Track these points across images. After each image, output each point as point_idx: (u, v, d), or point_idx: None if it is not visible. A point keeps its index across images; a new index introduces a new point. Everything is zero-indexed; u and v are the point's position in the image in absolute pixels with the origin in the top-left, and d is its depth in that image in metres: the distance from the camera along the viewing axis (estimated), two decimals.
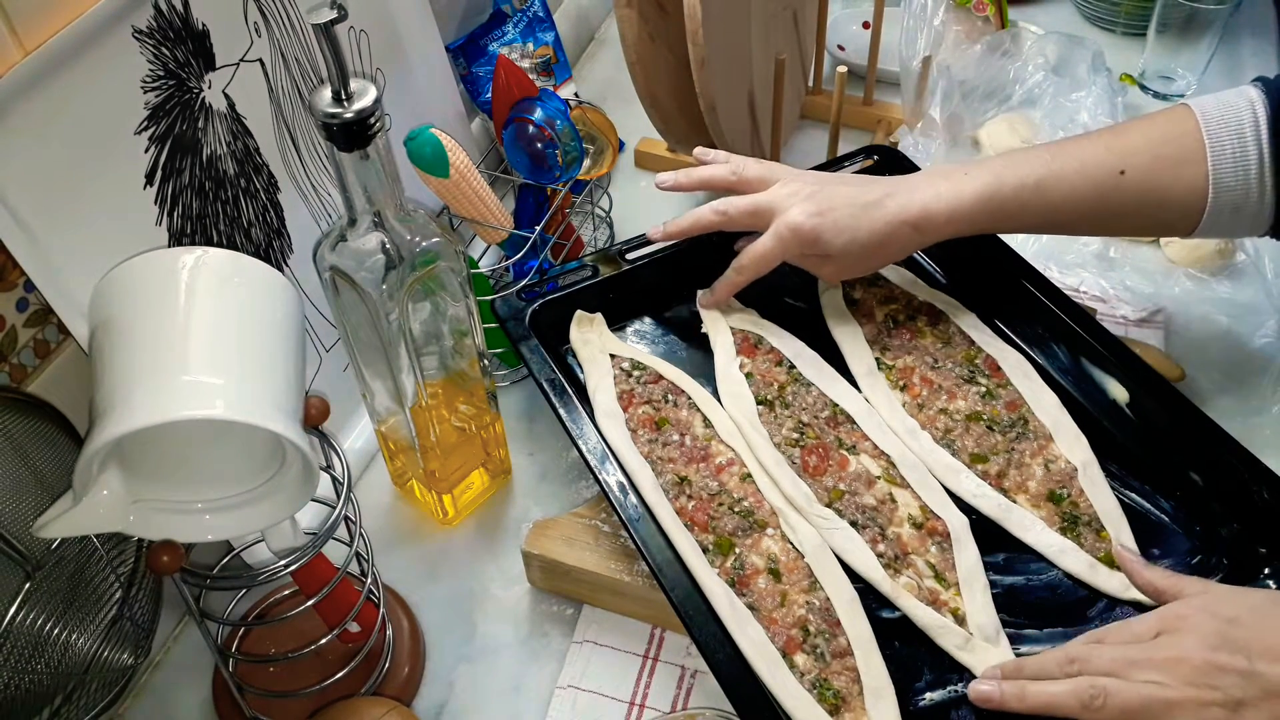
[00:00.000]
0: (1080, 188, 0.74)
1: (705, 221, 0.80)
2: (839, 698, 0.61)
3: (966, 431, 0.75)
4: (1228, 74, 1.22)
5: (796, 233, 0.76)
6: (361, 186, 0.61)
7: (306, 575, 0.64)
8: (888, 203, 0.76)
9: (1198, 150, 0.72)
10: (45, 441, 0.61)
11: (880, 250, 0.77)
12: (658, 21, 0.92)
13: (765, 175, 0.80)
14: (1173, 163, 0.72)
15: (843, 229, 0.76)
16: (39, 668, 0.59)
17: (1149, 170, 0.73)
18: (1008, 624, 0.66)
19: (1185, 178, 0.72)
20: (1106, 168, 0.73)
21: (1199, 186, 0.72)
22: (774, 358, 0.80)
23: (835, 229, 0.75)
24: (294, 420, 0.53)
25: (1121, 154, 0.73)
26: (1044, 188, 0.74)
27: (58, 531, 0.52)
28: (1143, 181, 0.73)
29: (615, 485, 0.68)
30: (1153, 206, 0.74)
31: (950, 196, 0.75)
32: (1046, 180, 0.74)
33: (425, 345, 0.72)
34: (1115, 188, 0.73)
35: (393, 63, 0.89)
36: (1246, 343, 0.89)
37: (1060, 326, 0.80)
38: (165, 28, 0.64)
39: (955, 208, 0.74)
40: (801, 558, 0.67)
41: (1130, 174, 0.73)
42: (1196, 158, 0.72)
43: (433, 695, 0.73)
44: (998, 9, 1.13)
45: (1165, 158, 0.72)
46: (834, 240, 0.76)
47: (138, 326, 0.52)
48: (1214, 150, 0.71)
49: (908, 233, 0.76)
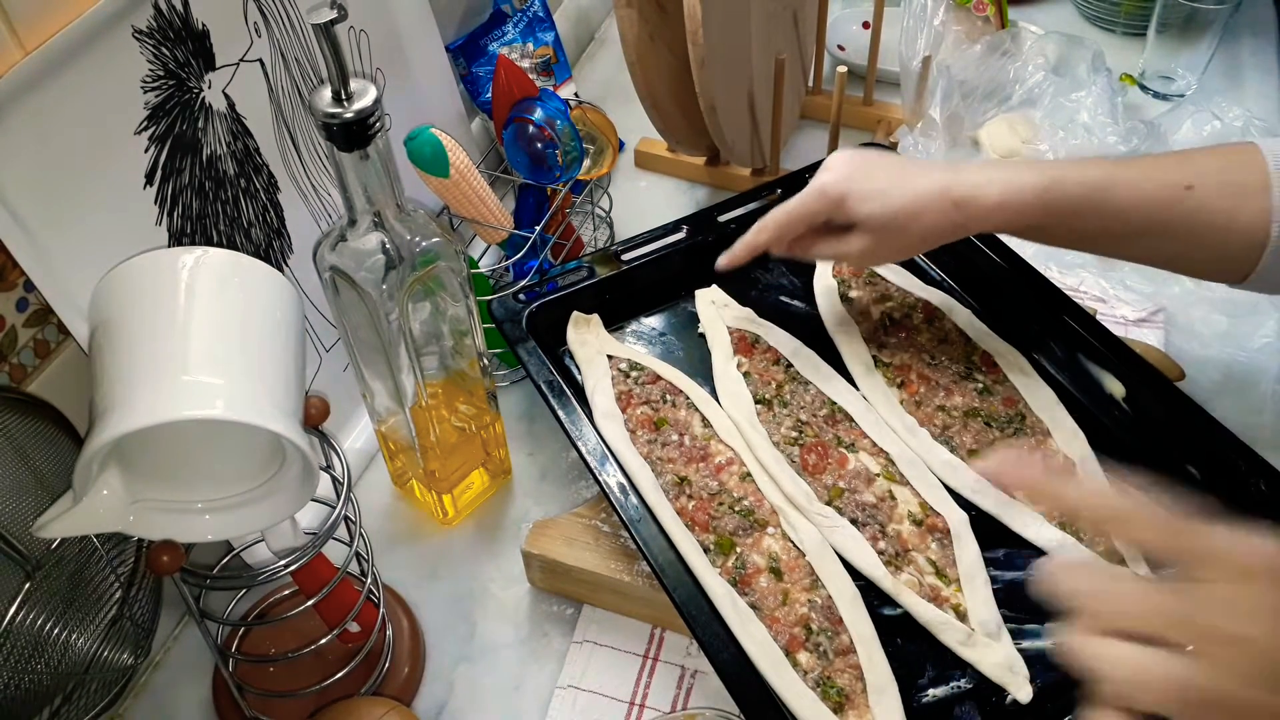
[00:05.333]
0: (1145, 196, 0.68)
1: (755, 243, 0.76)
2: (843, 695, 0.61)
3: (964, 428, 0.75)
4: (1228, 74, 1.22)
5: (823, 191, 0.72)
6: (361, 186, 0.61)
7: (306, 575, 0.64)
8: (930, 174, 0.71)
9: (1263, 182, 0.66)
10: (45, 441, 0.61)
11: (913, 222, 0.70)
12: (658, 21, 0.92)
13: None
14: (1239, 190, 0.67)
15: (872, 194, 0.71)
16: (39, 668, 0.59)
17: (1216, 191, 0.67)
18: (1009, 619, 0.66)
19: (1250, 208, 0.66)
20: (1173, 181, 0.68)
21: (1262, 221, 0.66)
22: (771, 357, 0.80)
23: (864, 193, 0.71)
24: (294, 420, 0.53)
25: (1189, 171, 0.68)
26: (1107, 190, 0.68)
27: (58, 531, 0.52)
28: (1209, 201, 0.67)
29: (615, 486, 0.68)
30: (1217, 232, 0.68)
31: (1004, 182, 0.69)
32: (1109, 182, 0.68)
33: (425, 345, 0.72)
34: (1180, 202, 0.67)
35: (393, 63, 0.89)
36: (1246, 342, 0.89)
37: (1057, 324, 0.80)
38: (165, 28, 0.64)
39: (1008, 194, 0.68)
40: (802, 556, 0.67)
41: (1197, 191, 0.67)
42: (1261, 190, 0.66)
43: (433, 695, 0.73)
44: (998, 9, 1.13)
45: (1232, 184, 0.67)
46: (860, 205, 0.71)
47: (138, 326, 0.52)
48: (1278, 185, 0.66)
49: (946, 208, 0.70)
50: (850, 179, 0.71)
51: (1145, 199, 0.68)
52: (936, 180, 0.70)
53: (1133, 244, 0.72)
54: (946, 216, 0.70)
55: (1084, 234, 0.71)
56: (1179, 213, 0.68)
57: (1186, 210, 0.67)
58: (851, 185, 0.71)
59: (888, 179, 0.71)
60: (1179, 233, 0.68)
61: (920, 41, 1.09)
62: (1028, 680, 0.63)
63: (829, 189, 0.72)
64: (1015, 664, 0.63)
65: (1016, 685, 0.63)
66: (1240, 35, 1.27)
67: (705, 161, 1.10)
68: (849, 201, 0.71)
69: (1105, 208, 0.68)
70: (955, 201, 0.69)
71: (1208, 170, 0.68)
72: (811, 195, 0.73)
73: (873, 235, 0.72)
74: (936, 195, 0.70)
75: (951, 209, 0.70)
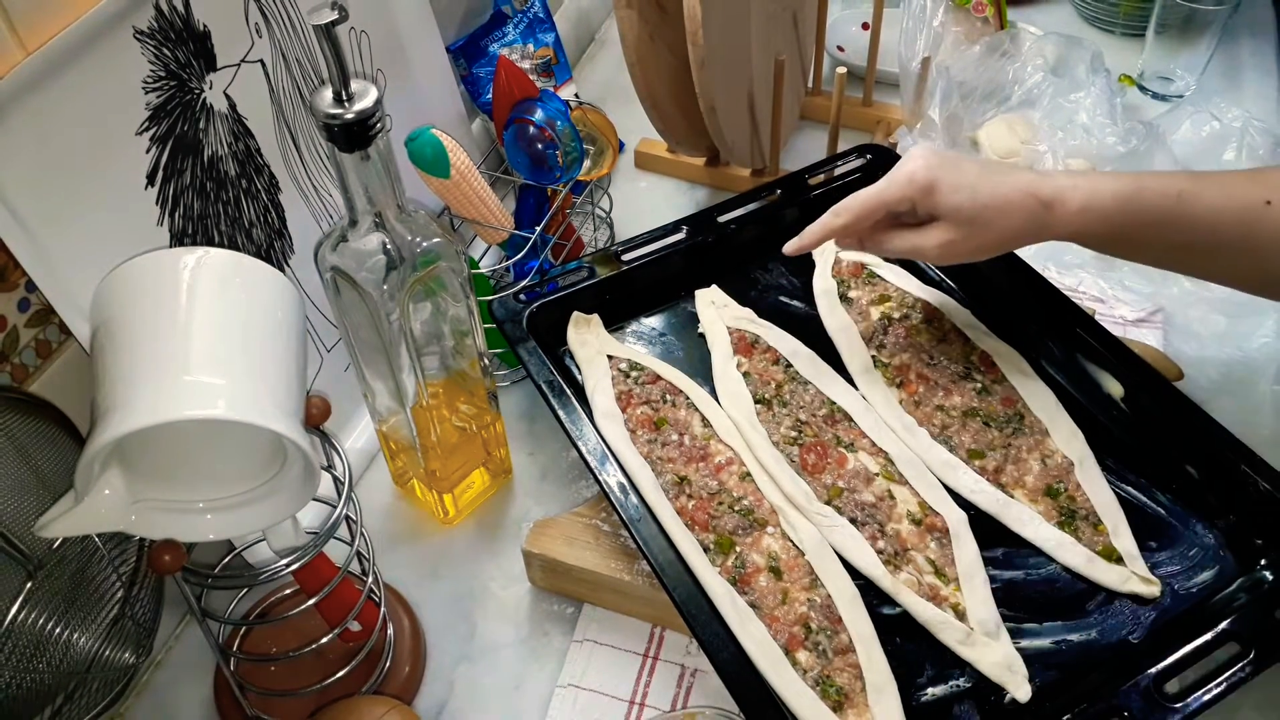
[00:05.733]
0: (1224, 208, 0.67)
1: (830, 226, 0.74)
2: (842, 694, 0.61)
3: (963, 427, 0.75)
4: (1226, 75, 1.22)
5: (911, 178, 0.70)
6: (362, 187, 0.61)
7: (308, 574, 0.65)
8: (1018, 173, 0.70)
9: None
10: (47, 441, 0.61)
11: (1000, 217, 0.69)
12: (658, 22, 0.92)
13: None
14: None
15: (961, 185, 0.69)
16: (41, 667, 0.60)
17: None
18: (1008, 618, 0.66)
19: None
20: (1252, 195, 0.67)
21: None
22: (771, 357, 0.80)
23: (953, 183, 0.69)
24: (295, 420, 0.53)
25: (1267, 186, 0.67)
26: (1187, 200, 0.67)
27: (59, 531, 0.52)
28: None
29: (615, 485, 0.69)
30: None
31: (1088, 187, 0.68)
32: (1191, 193, 0.67)
33: (426, 345, 0.72)
34: (1261, 217, 0.66)
35: (393, 63, 0.89)
36: (1245, 343, 0.90)
37: (1056, 324, 0.80)
38: (166, 28, 0.64)
39: (1092, 198, 0.68)
40: (802, 555, 0.68)
41: (1276, 206, 0.66)
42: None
43: (433, 694, 0.73)
44: (997, 10, 1.13)
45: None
46: (949, 196, 0.69)
47: (139, 327, 0.52)
48: None
49: (1034, 206, 0.68)
50: (939, 168, 0.70)
51: (1226, 213, 0.67)
52: (1024, 179, 0.69)
53: (1213, 258, 0.71)
54: (1034, 216, 0.69)
55: (1167, 245, 0.70)
56: (1262, 229, 0.67)
57: (1269, 227, 0.66)
58: (941, 175, 0.69)
59: (975, 173, 0.70)
60: (1261, 248, 0.67)
61: (919, 42, 1.09)
62: (1026, 679, 0.63)
63: (918, 175, 0.70)
64: (1014, 663, 0.64)
65: (1015, 684, 0.63)
66: (1239, 36, 1.27)
67: (705, 162, 1.10)
68: (938, 191, 0.70)
69: (1186, 219, 0.67)
70: (1044, 201, 0.68)
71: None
72: (899, 181, 0.71)
73: (956, 229, 0.70)
74: (1025, 193, 0.69)
75: (1040, 208, 0.69)
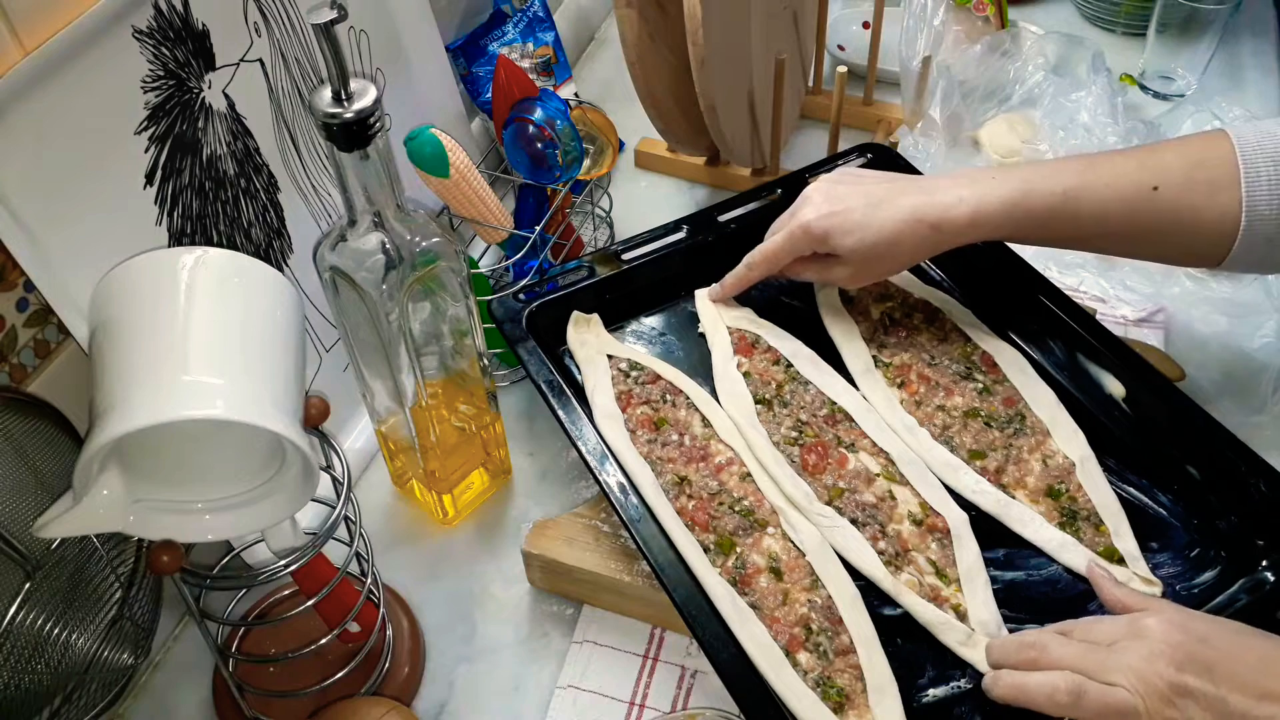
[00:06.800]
0: (1111, 201, 0.71)
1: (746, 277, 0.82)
2: (843, 695, 0.61)
3: (964, 428, 0.75)
4: (1228, 74, 1.22)
5: (807, 231, 0.76)
6: (361, 186, 0.61)
7: (306, 575, 0.64)
8: (902, 200, 0.74)
9: (1232, 175, 0.69)
10: (45, 441, 0.61)
11: (892, 249, 0.75)
12: (658, 21, 0.92)
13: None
14: (1206, 185, 0.69)
15: (852, 228, 0.74)
16: (39, 668, 0.59)
17: (1182, 190, 0.70)
18: (1009, 619, 0.66)
19: (1219, 202, 0.69)
20: (1139, 183, 0.70)
21: (1232, 213, 0.69)
22: (771, 356, 0.80)
23: (844, 228, 0.75)
24: (294, 420, 0.53)
25: (1155, 171, 0.70)
26: (1073, 198, 0.71)
27: (58, 531, 0.52)
28: (1175, 200, 0.70)
29: (615, 486, 0.68)
30: (1185, 229, 0.71)
31: (975, 199, 0.72)
32: (1077, 190, 0.71)
33: (425, 345, 0.72)
34: (1147, 204, 0.70)
35: (393, 63, 0.89)
36: (1246, 343, 0.89)
37: (1057, 324, 0.80)
38: (165, 28, 0.64)
39: (979, 210, 0.72)
40: (803, 556, 0.67)
41: (1163, 191, 0.70)
42: (1230, 183, 0.69)
43: (433, 695, 0.73)
44: (998, 9, 1.13)
45: (1199, 180, 0.69)
46: (843, 240, 0.75)
47: (138, 326, 0.52)
48: (1249, 176, 0.68)
49: (924, 231, 0.74)
50: (830, 214, 0.75)
51: (1112, 204, 0.71)
52: (908, 206, 0.74)
53: (1103, 243, 0.77)
54: (924, 239, 0.74)
55: (1056, 238, 0.76)
56: (1146, 216, 0.71)
57: (1153, 213, 0.71)
58: (831, 224, 0.75)
59: (863, 211, 0.75)
60: (1148, 233, 0.72)
61: (920, 41, 1.09)
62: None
63: (813, 228, 0.76)
64: None
65: None
66: (1240, 35, 1.27)
67: (705, 161, 1.10)
68: (831, 238, 0.75)
69: (1073, 216, 0.72)
70: (931, 224, 0.73)
71: (1174, 168, 0.70)
72: (796, 235, 0.77)
73: (857, 266, 0.77)
74: (911, 222, 0.74)
75: (929, 231, 0.74)
